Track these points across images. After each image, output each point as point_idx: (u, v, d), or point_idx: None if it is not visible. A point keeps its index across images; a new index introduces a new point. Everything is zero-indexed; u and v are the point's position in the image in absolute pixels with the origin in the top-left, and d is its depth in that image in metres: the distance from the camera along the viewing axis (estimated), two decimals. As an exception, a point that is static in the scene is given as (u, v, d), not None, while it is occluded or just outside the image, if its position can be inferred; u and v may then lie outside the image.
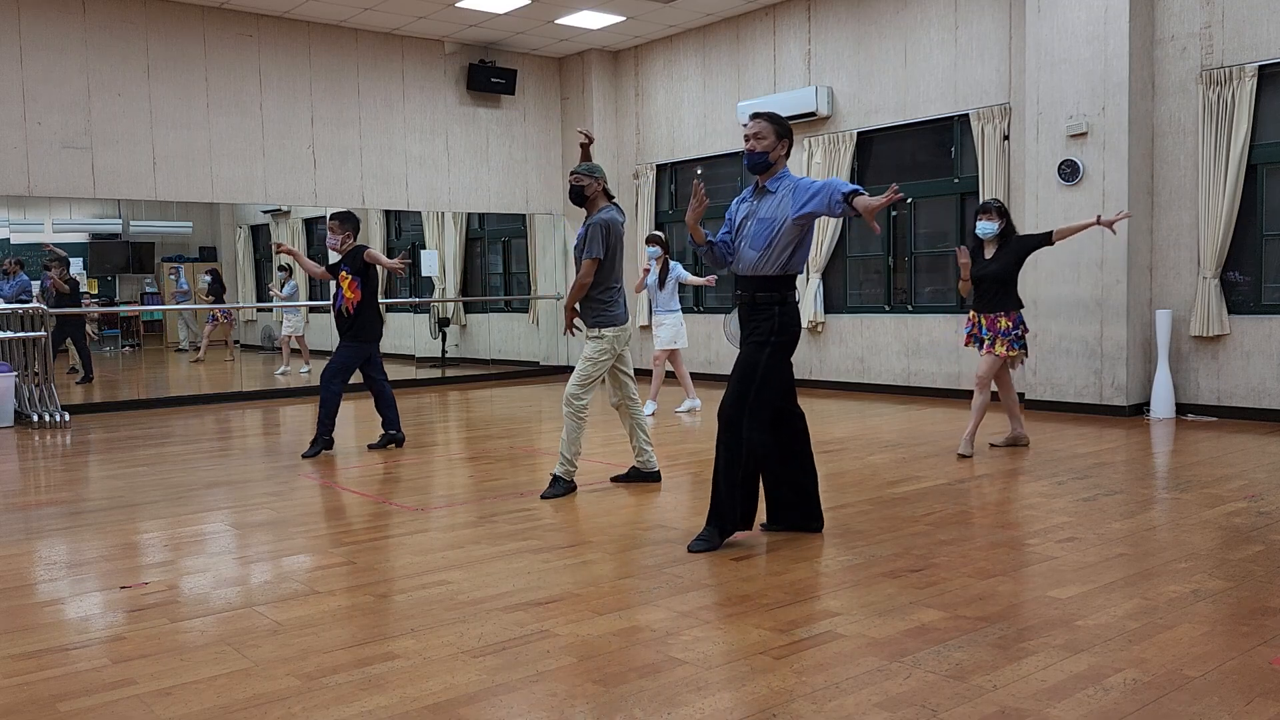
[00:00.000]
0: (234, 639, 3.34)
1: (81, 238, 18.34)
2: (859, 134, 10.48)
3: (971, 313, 6.85)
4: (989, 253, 6.75)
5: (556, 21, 11.53)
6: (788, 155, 4.48)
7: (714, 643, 3.22)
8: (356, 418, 9.89)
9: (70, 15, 9.91)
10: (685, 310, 12.69)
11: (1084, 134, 8.45)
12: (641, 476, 5.95)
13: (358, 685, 2.92)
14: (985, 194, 9.38)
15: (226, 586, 4.02)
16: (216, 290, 16.09)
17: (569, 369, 13.58)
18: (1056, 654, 3.07)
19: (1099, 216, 6.54)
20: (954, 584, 3.81)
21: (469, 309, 15.87)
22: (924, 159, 10.25)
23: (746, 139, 4.42)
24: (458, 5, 10.79)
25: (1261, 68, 7.82)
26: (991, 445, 6.96)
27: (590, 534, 4.72)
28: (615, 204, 5.89)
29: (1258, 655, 3.04)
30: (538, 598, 3.72)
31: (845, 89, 10.61)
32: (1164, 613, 3.44)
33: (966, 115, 9.62)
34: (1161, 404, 8.26)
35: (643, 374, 13.01)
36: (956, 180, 9.87)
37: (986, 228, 6.69)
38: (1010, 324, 6.61)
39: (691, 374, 12.45)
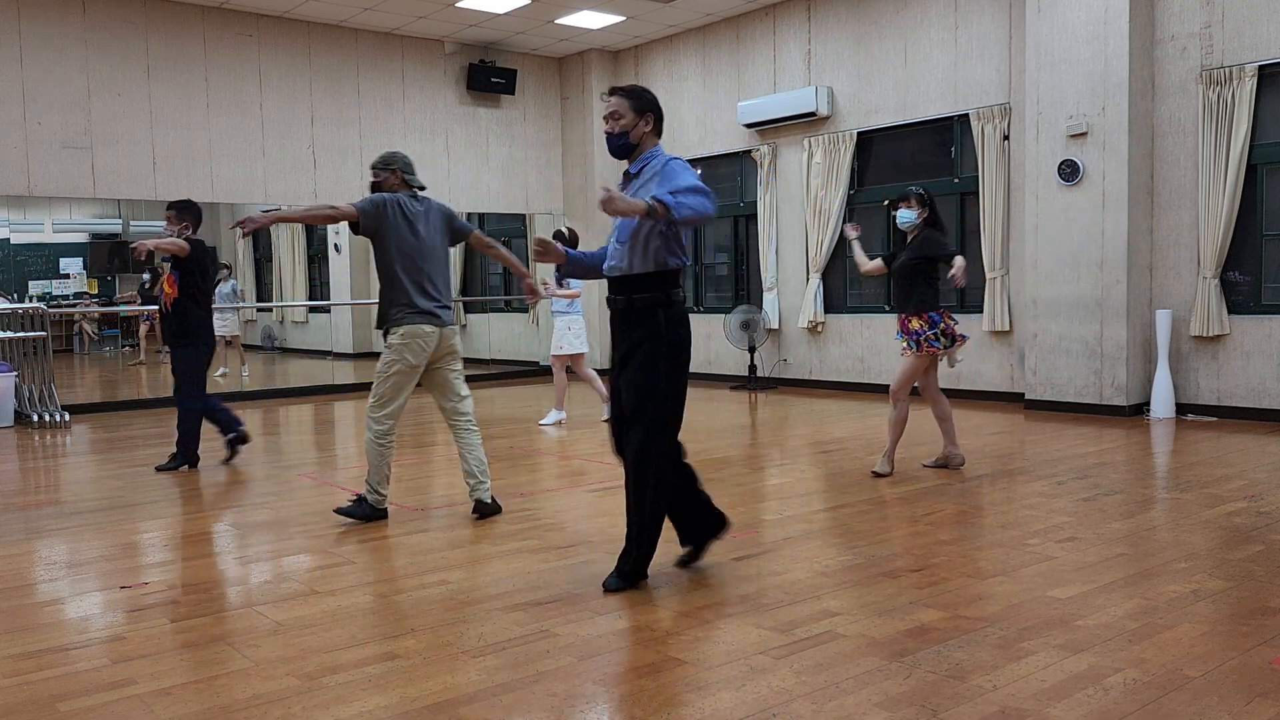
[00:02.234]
0: (234, 639, 3.34)
1: (81, 238, 18.35)
2: (859, 134, 10.47)
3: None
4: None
5: (556, 21, 11.53)
6: (657, 132, 3.87)
7: (714, 643, 3.22)
8: (356, 418, 9.90)
9: (70, 15, 9.90)
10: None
11: (1084, 134, 8.45)
12: (481, 509, 5.08)
13: (358, 685, 2.92)
14: (986, 194, 9.39)
15: (226, 586, 4.02)
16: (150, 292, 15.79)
17: (569, 369, 13.57)
18: (1056, 654, 3.07)
19: (954, 276, 5.81)
20: (954, 584, 3.81)
21: (469, 309, 15.87)
22: (924, 159, 10.25)
23: (605, 119, 3.83)
24: (458, 5, 10.78)
25: (1261, 68, 7.82)
26: (922, 465, 6.29)
27: (590, 534, 4.72)
28: (421, 197, 5.05)
29: (1258, 655, 3.04)
30: (538, 598, 3.72)
31: (845, 89, 10.61)
32: (1164, 613, 3.44)
33: (966, 115, 9.61)
34: (1161, 404, 8.26)
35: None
36: (956, 180, 9.87)
37: (905, 216, 6.05)
38: (923, 324, 5.94)
39: (691, 374, 12.46)
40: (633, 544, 3.82)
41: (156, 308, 14.92)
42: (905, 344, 6.00)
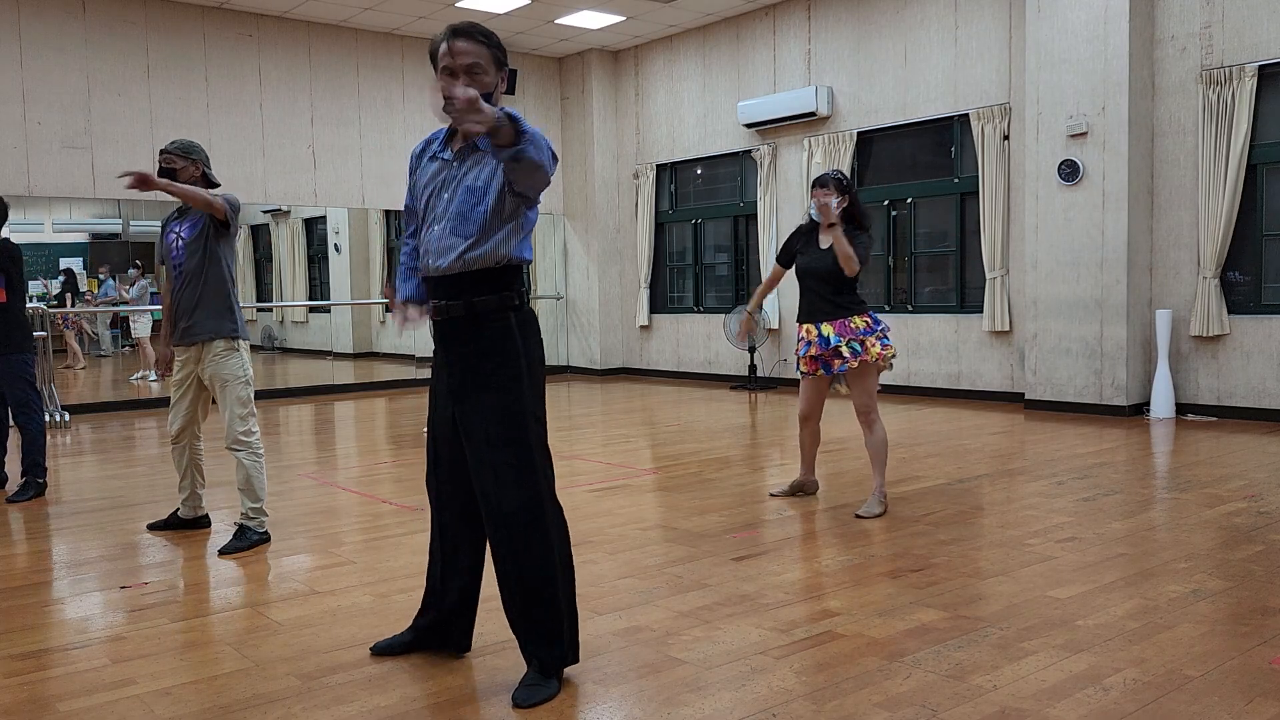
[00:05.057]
0: (234, 639, 3.34)
1: (81, 238, 18.36)
2: (859, 134, 10.47)
3: (801, 326, 5.25)
4: (824, 242, 5.10)
5: (556, 21, 11.52)
6: (511, 90, 3.13)
7: (714, 643, 3.22)
8: (357, 417, 9.90)
9: (70, 15, 9.90)
10: (685, 310, 12.75)
11: (1084, 134, 8.45)
12: (182, 523, 4.92)
13: (358, 685, 2.92)
14: (986, 194, 9.39)
15: (226, 586, 4.02)
16: (72, 288, 15.69)
17: (569, 369, 13.60)
18: (1056, 654, 3.07)
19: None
20: (954, 584, 3.81)
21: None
22: (924, 159, 10.25)
23: (451, 72, 2.78)
24: (458, 5, 10.78)
25: (1261, 68, 7.82)
26: (770, 495, 5.52)
27: (590, 534, 4.72)
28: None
29: (1258, 655, 3.04)
30: (538, 598, 3.72)
31: (845, 89, 10.61)
32: (1164, 613, 3.44)
33: (966, 115, 9.61)
34: (1161, 404, 8.26)
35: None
36: (956, 180, 9.87)
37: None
38: (869, 322, 5.11)
39: (691, 374, 12.48)
40: (539, 629, 2.88)
41: (75, 310, 14.80)
42: (848, 351, 5.02)
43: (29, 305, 7.15)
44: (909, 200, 10.28)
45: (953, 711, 2.67)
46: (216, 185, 4.83)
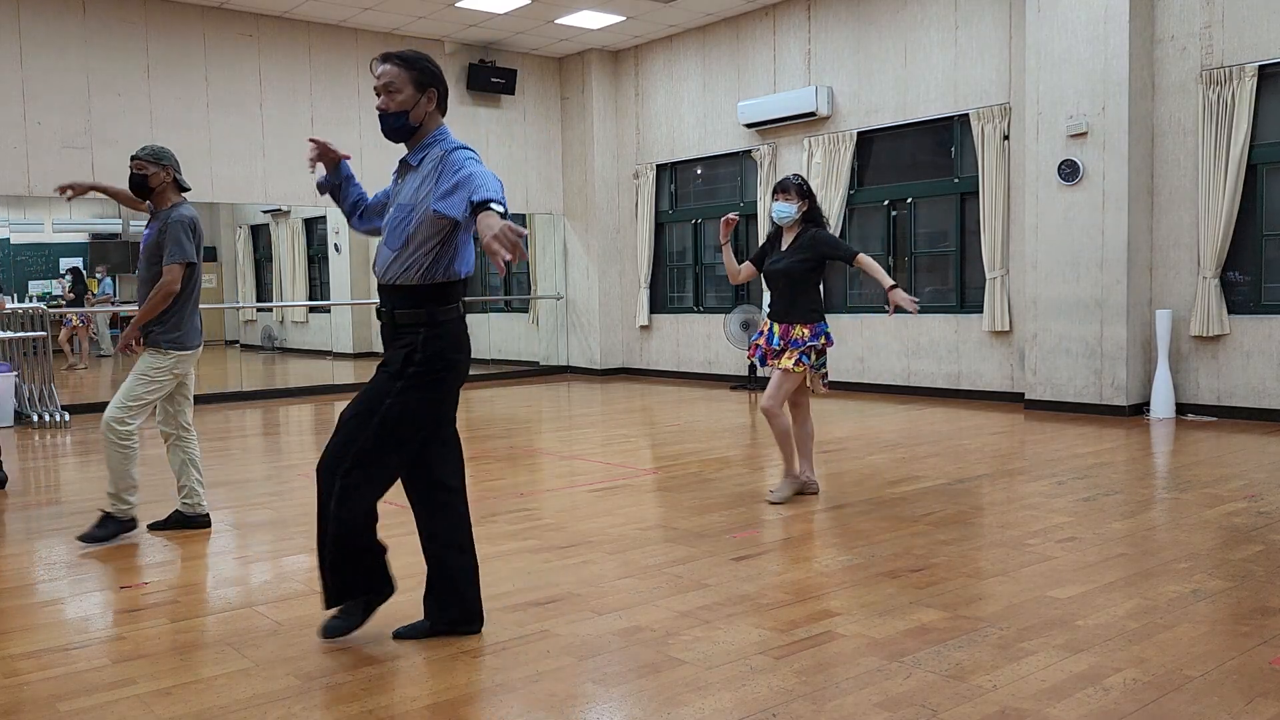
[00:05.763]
0: (234, 639, 3.34)
1: (82, 238, 18.36)
2: (859, 134, 10.47)
3: (764, 321, 5.52)
4: (786, 243, 5.38)
5: (556, 21, 11.52)
6: (441, 109, 3.24)
7: (714, 643, 3.22)
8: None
9: (70, 15, 9.90)
10: (684, 310, 12.75)
11: (1084, 134, 8.45)
12: (184, 521, 4.94)
13: (358, 685, 2.92)
14: (986, 194, 9.39)
15: (226, 586, 4.02)
16: (79, 290, 15.62)
17: (569, 369, 13.60)
18: (1056, 654, 3.07)
19: (893, 290, 5.25)
20: (954, 584, 3.81)
21: (469, 309, 15.85)
22: (924, 159, 10.25)
23: (377, 92, 3.20)
24: (458, 5, 10.78)
25: (1261, 68, 7.82)
26: (770, 503, 5.40)
27: (590, 534, 4.72)
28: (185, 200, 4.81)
29: (1258, 655, 3.04)
30: (538, 598, 3.72)
31: (845, 89, 10.61)
32: (1164, 613, 3.44)
33: (966, 115, 9.61)
34: (1161, 404, 8.26)
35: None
36: (956, 180, 9.87)
37: (783, 210, 5.27)
38: (808, 333, 5.25)
39: (691, 374, 12.48)
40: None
41: (74, 310, 14.70)
42: (774, 350, 5.28)
43: (29, 305, 7.17)
44: (909, 200, 10.28)
45: (953, 711, 2.67)
46: (187, 190, 4.84)
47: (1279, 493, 5.36)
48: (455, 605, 3.31)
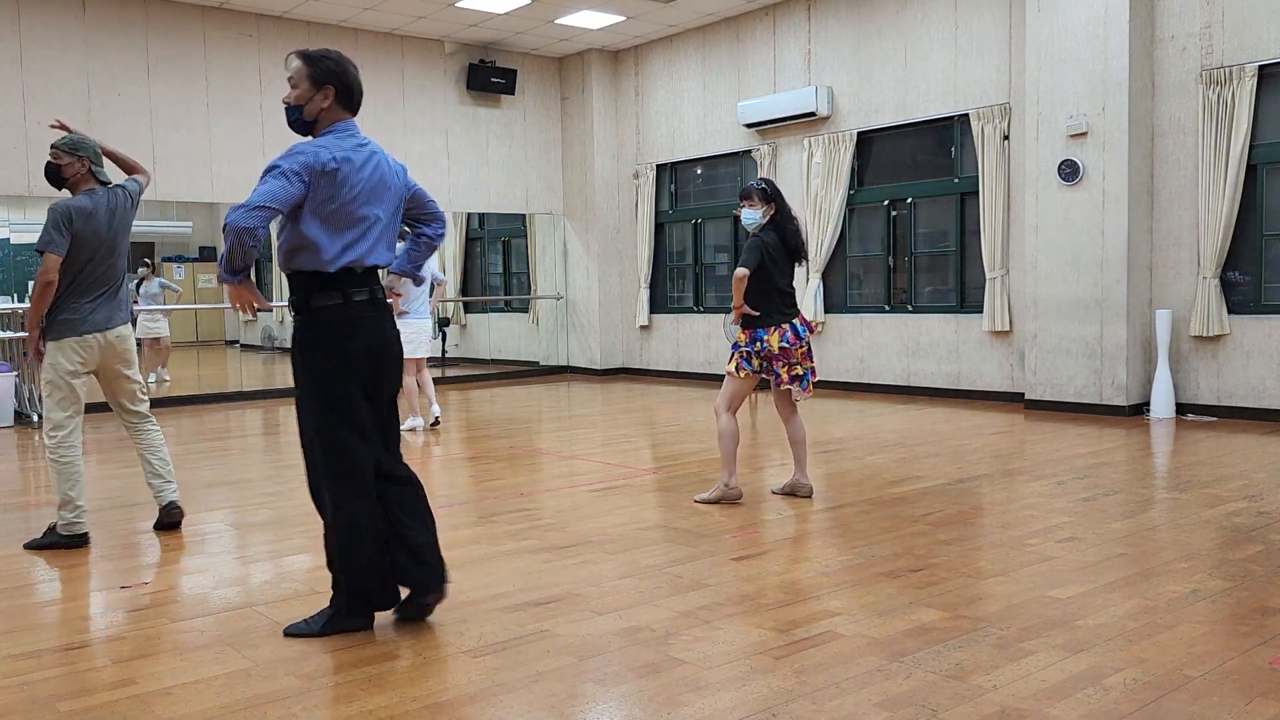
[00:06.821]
0: (234, 639, 3.34)
1: (81, 238, 18.32)
2: (859, 134, 10.47)
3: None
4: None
5: (556, 21, 11.52)
6: (346, 106, 3.29)
7: (714, 643, 3.22)
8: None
9: (70, 15, 9.90)
10: (685, 310, 12.75)
11: (1084, 134, 8.45)
12: (162, 521, 4.89)
13: (358, 685, 2.92)
14: (986, 194, 9.39)
15: (226, 586, 4.02)
16: None
17: (568, 369, 13.61)
18: (1056, 654, 3.07)
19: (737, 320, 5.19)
20: (954, 584, 3.81)
21: (469, 309, 15.87)
22: (924, 159, 10.25)
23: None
24: (458, 5, 10.78)
25: (1261, 68, 7.82)
26: (771, 492, 5.58)
27: (590, 534, 4.72)
28: (114, 186, 4.65)
29: (1258, 655, 3.04)
30: (538, 598, 3.72)
31: (845, 89, 10.61)
32: (1164, 613, 3.44)
33: (966, 115, 9.61)
34: (1161, 404, 8.26)
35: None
36: (956, 180, 9.87)
37: (748, 216, 5.19)
38: (744, 339, 5.21)
39: (691, 374, 12.48)
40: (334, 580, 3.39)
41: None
42: (731, 359, 5.28)
43: (29, 305, 7.15)
44: (909, 200, 10.28)
45: (953, 711, 2.67)
46: (105, 183, 4.66)
47: (1279, 493, 5.36)
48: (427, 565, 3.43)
